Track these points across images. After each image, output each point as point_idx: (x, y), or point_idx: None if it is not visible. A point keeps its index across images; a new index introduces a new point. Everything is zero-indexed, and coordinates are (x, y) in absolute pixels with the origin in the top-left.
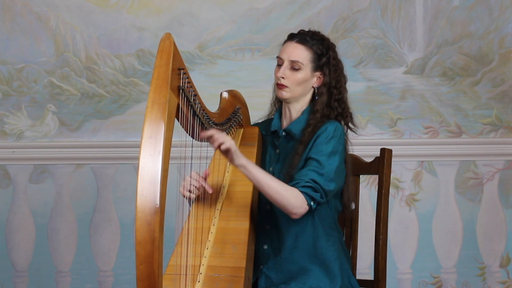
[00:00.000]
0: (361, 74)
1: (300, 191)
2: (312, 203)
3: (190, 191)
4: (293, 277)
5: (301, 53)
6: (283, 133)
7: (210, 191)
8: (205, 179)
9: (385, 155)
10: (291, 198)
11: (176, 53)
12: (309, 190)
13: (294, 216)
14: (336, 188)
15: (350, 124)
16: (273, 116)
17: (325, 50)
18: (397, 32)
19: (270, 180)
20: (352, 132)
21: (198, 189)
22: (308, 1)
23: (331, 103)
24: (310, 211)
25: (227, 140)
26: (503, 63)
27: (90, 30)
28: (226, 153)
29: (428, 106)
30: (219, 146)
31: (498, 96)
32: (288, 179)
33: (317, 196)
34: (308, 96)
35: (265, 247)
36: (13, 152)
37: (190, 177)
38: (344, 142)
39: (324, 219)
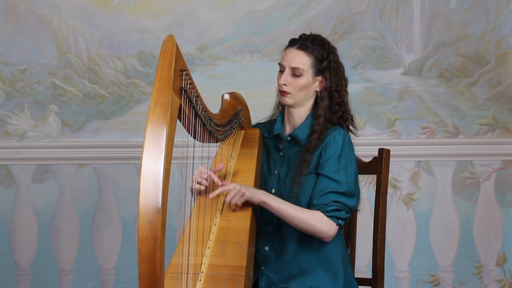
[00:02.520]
0: (360, 75)
1: (326, 216)
2: (340, 221)
3: (198, 183)
4: (294, 278)
5: (301, 59)
6: (289, 138)
7: (219, 183)
8: (214, 173)
9: (383, 155)
10: (318, 225)
11: (178, 55)
12: (334, 213)
13: (326, 239)
14: (358, 200)
15: (350, 127)
16: (275, 117)
17: (325, 54)
18: (395, 34)
19: (293, 210)
20: (352, 134)
21: (206, 180)
22: (307, 3)
23: (332, 107)
24: (341, 228)
25: (239, 190)
26: (500, 65)
27: (92, 32)
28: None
29: (425, 107)
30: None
31: (494, 97)
32: (296, 187)
33: (342, 214)
34: (311, 101)
35: (266, 248)
36: (16, 152)
37: (200, 171)
38: (352, 146)
39: None
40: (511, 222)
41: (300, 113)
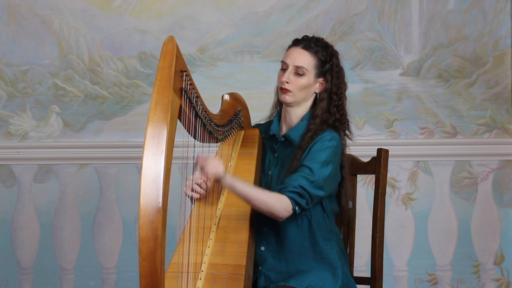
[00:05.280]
0: (358, 76)
1: (287, 196)
2: (297, 208)
3: (193, 190)
4: (292, 277)
5: (306, 59)
6: (282, 139)
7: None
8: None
9: (382, 155)
10: (276, 203)
11: (179, 56)
12: (296, 196)
13: (280, 219)
14: (324, 195)
15: (346, 131)
16: (273, 118)
17: (328, 57)
18: (394, 35)
19: (255, 192)
20: (347, 138)
21: (201, 187)
22: (306, 5)
23: (330, 109)
24: (294, 215)
25: (213, 168)
26: (497, 65)
27: (93, 33)
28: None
29: (423, 107)
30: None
31: (492, 98)
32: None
33: (302, 202)
34: (310, 102)
35: (262, 248)
36: (18, 152)
37: (193, 176)
38: (340, 152)
39: (321, 225)
40: (509, 221)
41: (297, 113)
